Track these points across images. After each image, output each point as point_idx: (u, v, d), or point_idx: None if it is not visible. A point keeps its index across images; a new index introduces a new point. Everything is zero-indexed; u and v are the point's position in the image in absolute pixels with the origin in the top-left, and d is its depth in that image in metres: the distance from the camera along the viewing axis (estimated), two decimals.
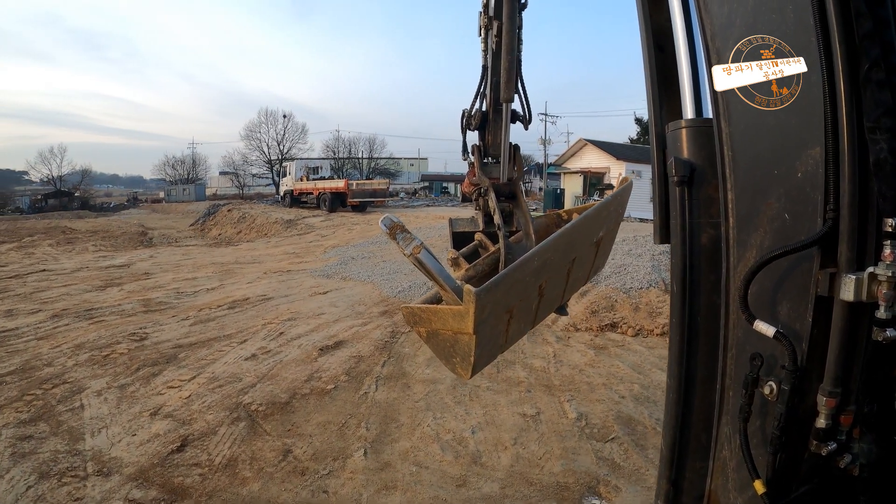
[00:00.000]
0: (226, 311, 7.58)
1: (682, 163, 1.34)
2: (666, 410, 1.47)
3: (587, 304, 7.49)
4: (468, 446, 3.71)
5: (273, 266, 11.46)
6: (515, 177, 2.08)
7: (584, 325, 6.85)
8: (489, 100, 2.09)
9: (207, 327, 6.84)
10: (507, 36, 1.77)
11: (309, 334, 6.18)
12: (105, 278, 11.18)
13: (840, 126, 0.98)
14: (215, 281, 9.94)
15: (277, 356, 5.51)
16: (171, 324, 7.15)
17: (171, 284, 9.92)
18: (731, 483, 1.24)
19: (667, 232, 1.45)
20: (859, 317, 1.00)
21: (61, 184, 54.07)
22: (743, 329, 1.21)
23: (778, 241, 1.11)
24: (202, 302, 8.32)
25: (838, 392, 1.03)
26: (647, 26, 1.53)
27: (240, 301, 8.11)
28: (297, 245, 15.40)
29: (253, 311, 7.51)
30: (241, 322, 6.94)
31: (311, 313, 7.12)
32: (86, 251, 17.11)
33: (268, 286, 9.04)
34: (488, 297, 1.21)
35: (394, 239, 1.37)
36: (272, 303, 7.87)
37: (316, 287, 8.78)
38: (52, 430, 4.14)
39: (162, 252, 14.93)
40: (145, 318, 7.58)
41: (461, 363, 1.41)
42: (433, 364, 5.20)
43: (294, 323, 6.66)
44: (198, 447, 3.80)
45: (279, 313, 7.24)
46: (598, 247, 1.82)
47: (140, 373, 5.31)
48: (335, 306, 7.45)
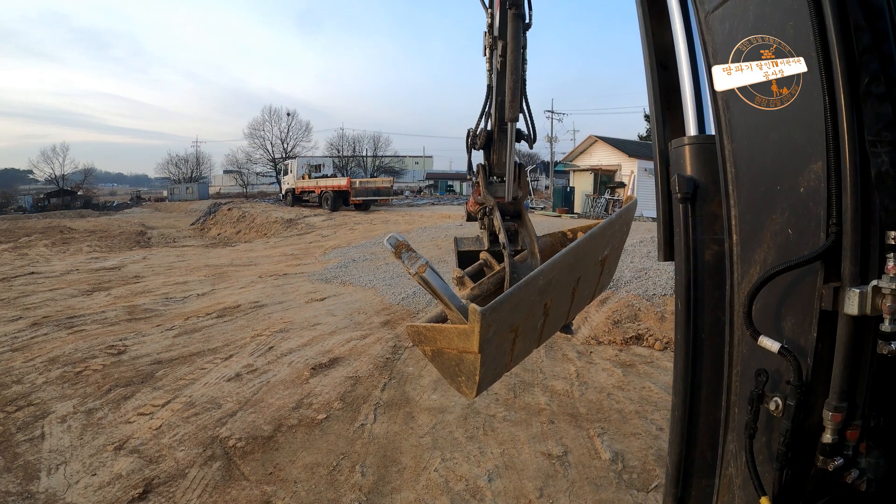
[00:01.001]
0: (214, 321, 6.97)
1: (686, 179, 1.34)
2: (671, 428, 1.45)
3: (608, 312, 6.83)
4: (485, 499, 3.07)
5: (269, 269, 10.85)
6: (520, 196, 2.05)
7: (607, 338, 6.19)
8: (494, 119, 2.07)
9: (192, 339, 6.24)
10: (512, 55, 1.76)
11: (301, 349, 5.55)
12: (94, 282, 10.64)
13: (841, 140, 0.98)
14: (207, 285, 9.35)
15: (264, 376, 4.88)
16: (154, 335, 6.57)
17: (161, 289, 9.35)
18: (737, 500, 1.23)
19: (670, 249, 1.44)
20: (864, 331, 0.99)
21: (64, 183, 53.85)
22: (748, 345, 1.20)
23: (781, 257, 1.11)
24: (190, 309, 7.73)
25: (844, 407, 1.02)
26: (649, 44, 1.53)
27: (230, 308, 7.51)
28: (296, 246, 14.79)
29: (243, 320, 6.90)
30: (229, 333, 6.33)
31: (305, 323, 6.50)
32: (80, 252, 16.62)
33: (262, 292, 8.43)
34: (493, 316, 1.21)
35: (399, 258, 1.39)
36: (264, 311, 7.26)
37: (313, 293, 8.16)
38: (6, 465, 3.56)
39: (156, 253, 14.37)
40: (128, 327, 7.01)
41: (466, 382, 1.42)
42: (440, 387, 4.56)
43: (286, 335, 6.04)
44: (162, 494, 3.19)
45: (271, 323, 6.62)
46: (604, 265, 1.81)
47: (111, 395, 4.71)
48: (332, 315, 6.82)
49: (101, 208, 49.13)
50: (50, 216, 37.74)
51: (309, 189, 28.36)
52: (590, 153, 26.90)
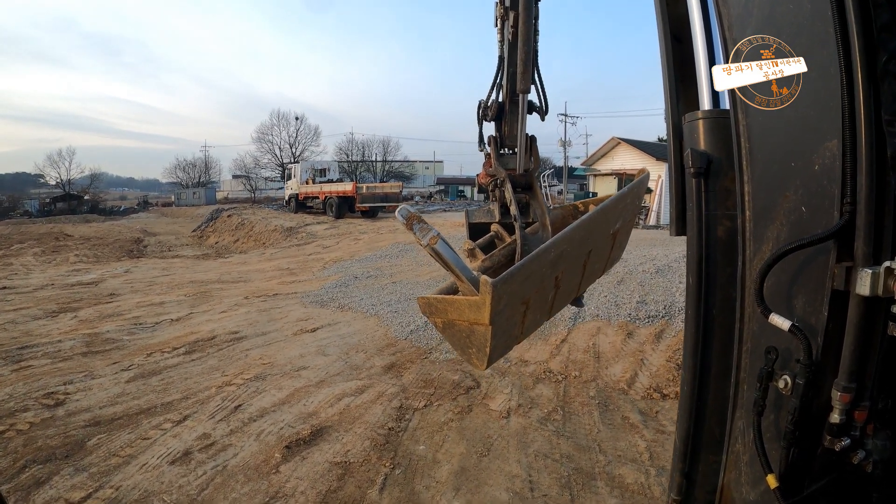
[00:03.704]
0: (180, 358, 5.69)
1: (699, 154, 1.33)
2: (680, 403, 1.45)
3: (668, 353, 5.43)
4: None
5: (259, 287, 9.56)
6: (531, 168, 2.03)
7: (673, 389, 4.78)
8: (505, 91, 2.04)
9: (147, 386, 4.96)
10: (524, 26, 1.70)
11: (277, 409, 4.22)
12: (64, 300, 9.48)
13: (857, 119, 0.96)
14: (185, 307, 8.09)
15: (221, 456, 3.56)
16: (106, 377, 5.31)
17: (133, 311, 8.11)
18: (744, 477, 1.23)
19: (683, 224, 1.44)
20: (875, 311, 0.98)
21: (70, 187, 53.48)
22: (758, 322, 1.19)
23: (794, 235, 1.10)
24: (157, 341, 6.46)
25: (853, 387, 1.01)
26: (664, 17, 1.51)
27: (203, 341, 6.22)
28: (293, 258, 13.47)
29: (214, 358, 5.60)
30: (193, 379, 5.03)
31: (288, 367, 5.17)
32: (66, 262, 15.56)
33: (244, 318, 7.13)
34: (504, 287, 1.22)
35: (410, 229, 1.40)
36: (242, 346, 5.95)
37: (304, 321, 6.84)
38: None
39: (142, 266, 13.16)
40: (81, 364, 5.78)
41: (477, 354, 1.41)
42: (465, 483, 3.20)
43: (261, 385, 4.71)
44: None
45: (246, 365, 5.31)
46: (615, 239, 1.81)
47: (23, 476, 3.50)
48: (324, 355, 5.49)
49: (107, 213, 48.65)
50: (55, 221, 37.18)
51: (313, 195, 27.07)
52: (611, 156, 25.31)
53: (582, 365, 4.99)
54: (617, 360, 5.15)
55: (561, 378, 4.71)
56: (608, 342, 5.56)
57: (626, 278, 7.80)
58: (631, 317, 6.23)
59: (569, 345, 5.48)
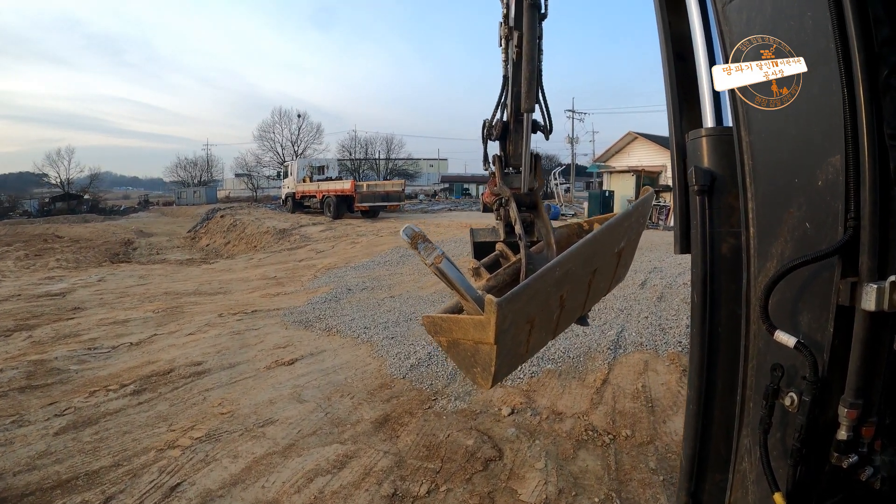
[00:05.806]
0: (125, 401, 4.58)
1: (703, 172, 1.33)
2: (686, 422, 1.43)
3: None
4: None
5: (238, 301, 8.43)
6: (536, 187, 2.05)
7: None
8: (510, 110, 2.06)
9: (77, 444, 3.87)
10: (528, 46, 1.78)
11: (225, 495, 3.09)
12: (25, 315, 8.43)
13: (860, 133, 0.95)
14: (150, 327, 6.99)
15: None
16: (35, 425, 4.26)
17: (92, 331, 7.03)
18: (750, 496, 1.21)
19: (687, 242, 1.44)
20: (881, 326, 0.97)
21: (69, 186, 52.74)
22: (764, 339, 1.18)
23: (799, 251, 1.09)
24: (108, 372, 5.37)
25: (860, 403, 1.00)
26: (666, 35, 1.52)
27: (158, 375, 5.11)
28: (282, 265, 12.32)
29: (165, 402, 4.48)
30: (133, 434, 3.93)
31: (252, 419, 4.04)
32: (45, 267, 14.54)
33: (213, 343, 6.00)
34: (509, 307, 1.22)
35: (415, 249, 1.40)
36: (202, 384, 4.83)
37: (282, 349, 5.70)
38: None
39: (118, 273, 12.07)
40: (13, 404, 4.77)
41: (482, 373, 1.40)
42: None
43: (212, 451, 3.58)
44: None
45: (201, 414, 4.19)
46: (620, 257, 1.81)
47: None
48: (299, 401, 4.35)
49: (107, 213, 47.93)
50: (54, 220, 36.47)
51: (310, 193, 25.82)
52: (627, 152, 23.93)
53: (633, 418, 3.83)
54: (676, 410, 3.98)
55: (609, 440, 3.55)
56: (660, 383, 4.40)
57: (667, 293, 6.60)
58: (682, 345, 5.06)
59: (612, 388, 4.31)
